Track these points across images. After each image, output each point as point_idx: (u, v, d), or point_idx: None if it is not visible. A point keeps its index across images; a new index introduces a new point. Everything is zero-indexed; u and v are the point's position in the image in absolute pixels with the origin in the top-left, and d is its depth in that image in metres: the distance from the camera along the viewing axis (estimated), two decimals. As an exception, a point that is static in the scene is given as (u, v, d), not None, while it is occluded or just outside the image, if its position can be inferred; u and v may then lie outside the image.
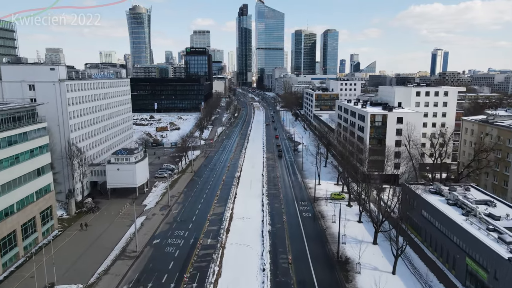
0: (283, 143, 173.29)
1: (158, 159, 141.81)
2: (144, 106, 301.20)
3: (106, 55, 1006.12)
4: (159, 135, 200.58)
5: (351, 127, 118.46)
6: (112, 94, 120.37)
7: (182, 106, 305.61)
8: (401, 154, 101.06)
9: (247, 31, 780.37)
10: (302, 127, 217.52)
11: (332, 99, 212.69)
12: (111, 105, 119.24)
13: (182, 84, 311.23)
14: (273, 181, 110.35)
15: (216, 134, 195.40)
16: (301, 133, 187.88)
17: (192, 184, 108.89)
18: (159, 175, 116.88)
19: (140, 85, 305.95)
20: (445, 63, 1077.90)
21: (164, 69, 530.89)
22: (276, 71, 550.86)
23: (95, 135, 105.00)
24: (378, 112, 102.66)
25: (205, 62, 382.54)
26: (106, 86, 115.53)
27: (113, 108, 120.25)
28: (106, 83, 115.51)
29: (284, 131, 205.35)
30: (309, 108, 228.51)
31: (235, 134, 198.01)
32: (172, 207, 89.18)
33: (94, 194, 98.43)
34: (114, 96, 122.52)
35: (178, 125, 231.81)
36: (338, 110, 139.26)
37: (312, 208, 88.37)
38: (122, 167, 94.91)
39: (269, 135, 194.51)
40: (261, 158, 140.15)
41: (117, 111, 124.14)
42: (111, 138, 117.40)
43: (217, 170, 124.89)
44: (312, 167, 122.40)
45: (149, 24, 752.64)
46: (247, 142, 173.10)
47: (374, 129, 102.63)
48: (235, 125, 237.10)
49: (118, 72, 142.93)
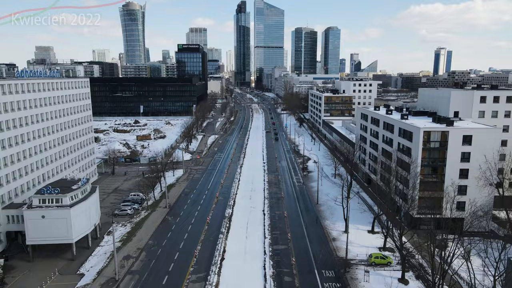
0: (287, 158, 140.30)
1: (128, 182, 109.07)
2: (129, 109, 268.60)
3: (100, 53, 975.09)
4: (140, 145, 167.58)
5: (385, 145, 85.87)
6: (56, 99, 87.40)
7: (172, 109, 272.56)
8: (468, 188, 68.81)
9: (245, 29, 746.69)
10: (310, 135, 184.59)
11: (345, 103, 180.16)
12: (55, 114, 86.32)
13: (172, 85, 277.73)
14: (279, 225, 77.35)
15: (207, 146, 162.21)
16: (308, 144, 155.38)
17: (162, 229, 75.76)
18: (120, 212, 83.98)
19: (124, 86, 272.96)
20: (449, 63, 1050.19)
21: (156, 68, 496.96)
22: (276, 70, 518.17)
23: (19, 160, 72.05)
24: (435, 128, 69.78)
25: (199, 60, 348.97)
26: (45, 88, 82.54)
27: (58, 119, 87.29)
28: (45, 84, 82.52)
29: (288, 141, 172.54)
30: (316, 112, 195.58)
31: (229, 145, 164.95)
32: (121, 283, 56.15)
33: (13, 252, 65.69)
34: (61, 102, 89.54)
35: (164, 132, 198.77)
36: (361, 119, 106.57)
37: (344, 286, 55.37)
38: (49, 213, 61.96)
39: (270, 146, 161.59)
40: (261, 183, 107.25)
41: (65, 122, 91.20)
42: (53, 161, 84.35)
43: (201, 202, 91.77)
44: (329, 199, 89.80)
45: (143, 21, 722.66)
46: (243, 157, 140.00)
47: (427, 152, 69.95)
48: (230, 132, 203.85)
49: (72, 70, 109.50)
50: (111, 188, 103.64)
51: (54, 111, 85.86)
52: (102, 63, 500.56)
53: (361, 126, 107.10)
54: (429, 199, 69.51)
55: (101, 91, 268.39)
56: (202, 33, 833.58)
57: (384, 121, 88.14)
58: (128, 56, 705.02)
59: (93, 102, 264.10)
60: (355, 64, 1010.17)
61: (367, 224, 75.16)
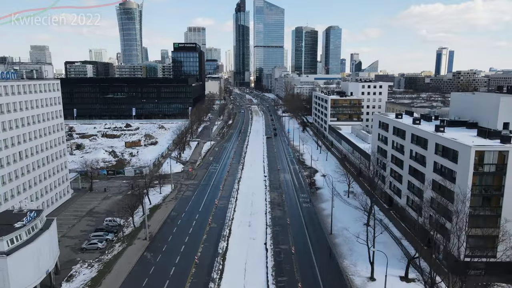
0: (291, 169, 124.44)
1: (107, 202, 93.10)
2: (121, 111, 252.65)
3: (97, 53, 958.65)
4: (128, 153, 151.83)
5: (415, 163, 70.03)
6: (12, 106, 71.48)
7: (166, 111, 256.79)
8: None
9: (245, 28, 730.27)
10: (314, 142, 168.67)
11: (353, 106, 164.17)
12: (10, 125, 70.41)
13: (167, 85, 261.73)
14: (285, 267, 61.31)
15: (201, 154, 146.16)
16: (314, 152, 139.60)
17: (137, 274, 59.61)
18: (88, 246, 67.97)
19: (116, 87, 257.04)
20: (451, 63, 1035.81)
21: (153, 68, 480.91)
22: (276, 70, 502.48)
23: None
24: (490, 146, 53.85)
25: (196, 59, 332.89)
26: (-4, 93, 66.59)
27: (14, 130, 71.39)
28: (-5, 89, 66.54)
29: (291, 148, 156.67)
30: (321, 116, 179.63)
31: (226, 154, 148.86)
32: None
33: None
34: (19, 109, 73.60)
35: (156, 137, 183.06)
36: (380, 128, 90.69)
37: None
38: (-22, 263, 46.08)
39: (271, 155, 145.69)
40: (263, 203, 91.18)
41: (25, 133, 75.26)
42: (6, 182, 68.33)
43: (189, 231, 75.63)
44: (345, 227, 74.01)
45: (141, 20, 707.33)
46: (241, 169, 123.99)
47: (479, 178, 54.06)
48: (227, 138, 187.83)
49: (36, 70, 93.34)
50: (85, 210, 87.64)
51: (9, 121, 69.95)
52: (96, 62, 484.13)
53: (379, 136, 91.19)
54: (480, 237, 53.89)
55: (91, 93, 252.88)
56: (201, 32, 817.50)
57: (412, 133, 72.29)
58: (125, 55, 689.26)
59: (83, 104, 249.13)
60: (356, 64, 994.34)
61: (398, 266, 59.15)
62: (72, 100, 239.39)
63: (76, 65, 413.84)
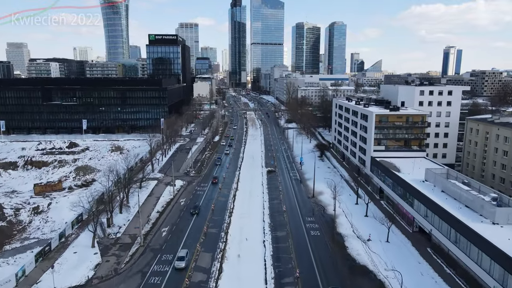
0: (321, 261, 59.51)
1: None
2: (72, 123, 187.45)
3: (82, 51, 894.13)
4: (32, 208, 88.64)
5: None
6: None
7: (132, 122, 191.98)
8: None
9: (241, 25, 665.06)
10: (345, 183, 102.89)
11: (413, 127, 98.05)
12: None
13: (133, 89, 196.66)
14: None
15: (150, 219, 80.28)
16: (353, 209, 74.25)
17: None
18: None
19: (66, 90, 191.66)
20: (459, 62, 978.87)
21: (133, 67, 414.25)
22: (276, 70, 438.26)
23: None
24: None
25: (177, 55, 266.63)
26: None
27: None
28: None
29: (312, 199, 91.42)
30: (351, 139, 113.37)
31: (196, 221, 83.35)
32: None
33: None
34: None
35: (97, 170, 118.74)
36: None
37: None
38: None
39: (277, 220, 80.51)
40: None
41: None
42: None
43: None
44: None
45: (127, 15, 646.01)
46: (219, 272, 58.79)
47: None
48: (207, 171, 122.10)
49: None
50: None
51: None
52: (68, 60, 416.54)
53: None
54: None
55: (31, 98, 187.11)
56: (193, 28, 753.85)
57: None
58: (110, 54, 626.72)
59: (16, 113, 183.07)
60: (358, 64, 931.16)
61: None
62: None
63: (38, 63, 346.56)
